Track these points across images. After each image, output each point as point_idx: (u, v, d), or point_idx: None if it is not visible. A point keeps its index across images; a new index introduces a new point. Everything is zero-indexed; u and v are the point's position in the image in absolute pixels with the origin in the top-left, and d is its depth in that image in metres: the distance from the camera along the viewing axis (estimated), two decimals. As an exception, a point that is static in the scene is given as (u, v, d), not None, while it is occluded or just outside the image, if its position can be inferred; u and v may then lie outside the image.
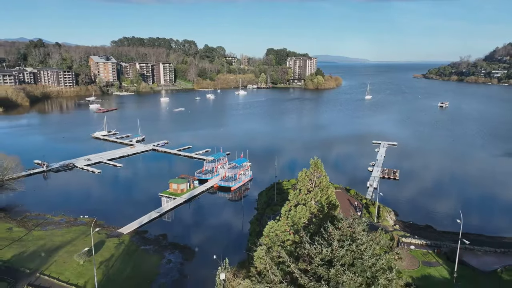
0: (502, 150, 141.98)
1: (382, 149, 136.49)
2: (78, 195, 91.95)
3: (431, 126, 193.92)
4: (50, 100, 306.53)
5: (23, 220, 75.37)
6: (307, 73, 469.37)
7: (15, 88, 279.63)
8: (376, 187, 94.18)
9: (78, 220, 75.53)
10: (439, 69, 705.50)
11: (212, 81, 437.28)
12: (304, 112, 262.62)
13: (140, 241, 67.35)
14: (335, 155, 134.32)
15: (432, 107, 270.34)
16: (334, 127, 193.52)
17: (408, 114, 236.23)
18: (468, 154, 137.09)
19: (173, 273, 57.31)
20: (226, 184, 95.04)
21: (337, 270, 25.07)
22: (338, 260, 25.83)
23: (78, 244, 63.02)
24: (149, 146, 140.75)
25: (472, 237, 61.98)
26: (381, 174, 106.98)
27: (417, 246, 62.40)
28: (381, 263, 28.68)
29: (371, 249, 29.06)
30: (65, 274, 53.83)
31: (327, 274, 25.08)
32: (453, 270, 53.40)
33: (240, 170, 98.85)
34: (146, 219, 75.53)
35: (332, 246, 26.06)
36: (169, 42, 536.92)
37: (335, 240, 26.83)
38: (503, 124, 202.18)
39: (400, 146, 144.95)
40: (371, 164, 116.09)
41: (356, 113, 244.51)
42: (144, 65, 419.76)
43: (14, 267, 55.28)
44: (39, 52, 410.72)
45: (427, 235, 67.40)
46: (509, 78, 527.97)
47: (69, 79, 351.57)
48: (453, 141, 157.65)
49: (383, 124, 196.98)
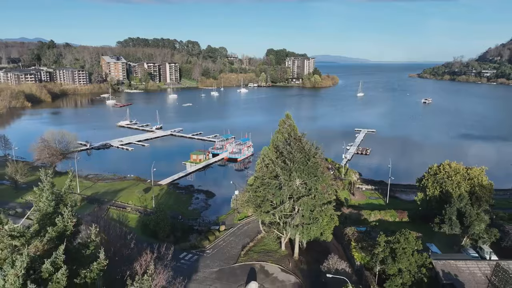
0: (458, 133, 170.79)
1: (361, 134, 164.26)
2: (120, 164, 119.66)
3: (409, 118, 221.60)
4: (67, 97, 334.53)
5: (86, 177, 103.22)
6: (305, 72, 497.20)
7: (38, 86, 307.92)
8: (349, 159, 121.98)
9: (127, 177, 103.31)
10: (433, 69, 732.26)
11: (215, 80, 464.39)
12: (300, 107, 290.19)
13: (175, 188, 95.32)
14: (322, 139, 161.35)
15: (417, 103, 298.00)
16: (325, 118, 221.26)
17: (393, 109, 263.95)
18: (429, 137, 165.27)
19: (201, 203, 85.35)
20: (233, 156, 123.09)
21: (295, 163, 52.39)
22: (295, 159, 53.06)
23: (133, 188, 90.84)
24: (167, 132, 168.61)
25: (400, 186, 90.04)
26: (356, 151, 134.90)
27: (368, 190, 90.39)
28: (321, 170, 56.31)
29: (319, 165, 56.54)
30: (131, 201, 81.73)
31: (289, 165, 52.36)
32: (387, 200, 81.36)
33: (244, 146, 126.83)
34: (176, 177, 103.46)
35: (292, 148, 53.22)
36: (173, 43, 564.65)
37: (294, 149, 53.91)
38: (472, 115, 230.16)
39: (378, 132, 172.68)
40: (349, 145, 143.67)
41: (347, 107, 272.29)
42: (152, 65, 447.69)
43: (96, 198, 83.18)
44: (52, 53, 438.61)
45: (376, 183, 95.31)
46: (498, 77, 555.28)
47: (83, 78, 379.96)
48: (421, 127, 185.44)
49: (368, 116, 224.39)
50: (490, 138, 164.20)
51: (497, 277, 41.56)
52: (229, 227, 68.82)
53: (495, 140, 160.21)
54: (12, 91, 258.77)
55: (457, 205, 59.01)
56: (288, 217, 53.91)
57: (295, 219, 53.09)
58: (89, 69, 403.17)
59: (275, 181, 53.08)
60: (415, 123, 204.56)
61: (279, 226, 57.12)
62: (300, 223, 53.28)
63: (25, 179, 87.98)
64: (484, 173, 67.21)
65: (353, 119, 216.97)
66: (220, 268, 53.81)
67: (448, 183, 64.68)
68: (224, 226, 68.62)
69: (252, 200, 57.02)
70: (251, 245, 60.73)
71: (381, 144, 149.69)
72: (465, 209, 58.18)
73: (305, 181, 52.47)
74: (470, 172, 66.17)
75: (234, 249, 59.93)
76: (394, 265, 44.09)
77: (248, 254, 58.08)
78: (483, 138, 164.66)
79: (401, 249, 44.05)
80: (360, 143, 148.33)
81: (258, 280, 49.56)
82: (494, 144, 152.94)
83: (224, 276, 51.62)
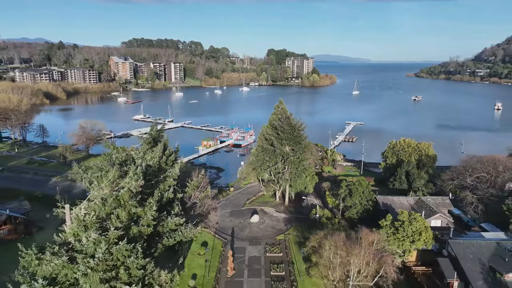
0: (436, 124, 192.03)
1: (350, 126, 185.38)
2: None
3: (396, 113, 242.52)
4: (80, 95, 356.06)
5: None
6: (304, 71, 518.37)
7: (54, 84, 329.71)
8: (337, 144, 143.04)
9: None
10: (430, 68, 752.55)
11: (218, 79, 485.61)
12: (298, 104, 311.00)
13: (190, 166, 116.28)
14: (315, 129, 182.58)
15: (407, 100, 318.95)
16: (321, 113, 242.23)
17: (383, 105, 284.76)
18: (409, 128, 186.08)
19: (213, 175, 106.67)
20: (238, 142, 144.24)
21: (285, 134, 73.31)
22: (285, 131, 73.91)
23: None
24: (178, 124, 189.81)
25: (375, 163, 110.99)
26: (344, 139, 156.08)
27: (348, 165, 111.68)
28: (304, 140, 77.38)
29: (303, 136, 77.50)
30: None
31: (281, 135, 73.26)
32: (361, 172, 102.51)
33: (247, 134, 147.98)
34: (191, 157, 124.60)
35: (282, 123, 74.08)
36: (176, 43, 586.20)
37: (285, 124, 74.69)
38: (454, 110, 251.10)
39: (365, 124, 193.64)
40: (339, 134, 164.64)
41: (341, 104, 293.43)
42: (157, 65, 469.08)
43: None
44: (62, 53, 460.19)
45: (355, 162, 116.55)
46: (490, 77, 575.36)
47: (93, 77, 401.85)
48: (405, 120, 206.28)
49: (360, 112, 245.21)
50: (460, 128, 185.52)
51: (417, 205, 62.57)
52: (237, 189, 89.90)
53: (464, 129, 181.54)
54: (32, 89, 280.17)
55: (406, 168, 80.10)
56: (281, 174, 75.01)
57: (285, 174, 74.23)
58: (99, 68, 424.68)
59: (271, 147, 74.22)
60: (402, 116, 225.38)
61: (274, 182, 78.21)
62: (289, 178, 74.38)
63: (72, 157, 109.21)
64: (432, 147, 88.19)
65: (346, 114, 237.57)
66: (231, 210, 74.97)
67: (402, 154, 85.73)
68: (233, 188, 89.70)
69: (254, 163, 78.18)
70: (253, 198, 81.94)
71: (366, 133, 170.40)
72: (412, 171, 79.27)
73: (292, 147, 73.54)
74: (419, 146, 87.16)
75: (241, 201, 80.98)
76: (351, 199, 65.19)
77: (252, 203, 79.29)
78: (453, 128, 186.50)
79: (355, 189, 65.11)
80: (348, 133, 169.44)
81: (259, 218, 70.58)
82: (460, 131, 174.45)
83: (234, 214, 72.81)
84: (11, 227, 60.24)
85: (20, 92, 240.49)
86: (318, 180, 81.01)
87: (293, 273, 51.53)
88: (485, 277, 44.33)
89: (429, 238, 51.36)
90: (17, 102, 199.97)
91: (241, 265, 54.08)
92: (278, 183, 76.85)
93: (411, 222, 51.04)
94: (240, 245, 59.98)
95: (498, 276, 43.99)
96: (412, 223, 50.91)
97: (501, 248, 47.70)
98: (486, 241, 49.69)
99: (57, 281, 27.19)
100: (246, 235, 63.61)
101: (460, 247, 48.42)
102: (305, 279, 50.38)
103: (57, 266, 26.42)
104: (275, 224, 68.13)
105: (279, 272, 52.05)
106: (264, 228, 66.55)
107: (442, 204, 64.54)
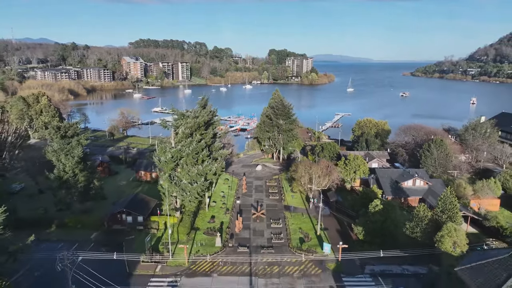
0: (413, 114, 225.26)
1: (338, 116, 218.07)
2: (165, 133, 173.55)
3: (382, 106, 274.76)
4: (96, 92, 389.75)
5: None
6: (304, 71, 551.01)
7: (75, 82, 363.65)
8: (325, 129, 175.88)
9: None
10: (425, 67, 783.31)
11: (222, 77, 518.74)
12: (298, 99, 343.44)
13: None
14: (308, 118, 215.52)
15: (396, 96, 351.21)
16: (316, 107, 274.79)
17: (373, 100, 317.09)
18: (390, 116, 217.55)
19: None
20: (244, 127, 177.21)
21: (279, 111, 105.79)
22: (279, 109, 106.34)
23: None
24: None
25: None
26: (331, 125, 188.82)
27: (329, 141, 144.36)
28: (294, 117, 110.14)
29: (292, 113, 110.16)
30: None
31: (276, 112, 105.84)
32: (339, 144, 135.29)
33: (252, 121, 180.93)
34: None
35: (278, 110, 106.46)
36: (181, 44, 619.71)
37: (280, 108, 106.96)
38: (435, 104, 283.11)
39: (352, 115, 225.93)
40: (328, 122, 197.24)
41: (335, 99, 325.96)
42: (166, 64, 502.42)
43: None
44: (76, 54, 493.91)
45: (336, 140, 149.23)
46: (481, 75, 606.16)
47: (107, 76, 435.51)
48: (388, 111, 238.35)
49: (350, 105, 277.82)
50: (432, 118, 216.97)
51: (365, 155, 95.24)
52: (245, 156, 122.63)
53: (435, 119, 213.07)
54: (58, 87, 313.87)
55: (366, 137, 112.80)
56: (276, 139, 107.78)
57: (279, 140, 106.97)
58: (112, 68, 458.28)
59: (269, 121, 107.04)
60: (386, 108, 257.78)
61: (271, 147, 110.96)
62: (282, 142, 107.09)
63: (117, 135, 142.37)
64: (387, 123, 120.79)
65: (337, 107, 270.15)
66: (243, 164, 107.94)
67: (365, 128, 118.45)
68: (242, 154, 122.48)
69: (258, 132, 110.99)
70: (257, 159, 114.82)
71: (352, 122, 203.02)
72: (369, 139, 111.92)
73: (284, 120, 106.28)
74: (378, 123, 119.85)
75: (248, 161, 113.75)
76: (322, 153, 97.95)
77: (256, 161, 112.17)
78: (426, 117, 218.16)
79: (326, 146, 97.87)
80: (336, 121, 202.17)
81: (261, 167, 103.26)
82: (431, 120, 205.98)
83: (245, 166, 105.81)
84: (102, 169, 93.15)
85: (49, 89, 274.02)
86: (303, 144, 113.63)
87: (282, 192, 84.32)
88: (392, 186, 77.00)
89: (366, 170, 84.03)
90: (50, 97, 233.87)
91: (250, 188, 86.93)
92: (275, 146, 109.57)
93: (354, 160, 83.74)
94: (249, 180, 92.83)
95: (399, 184, 76.69)
96: (355, 160, 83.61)
97: (405, 172, 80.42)
98: (397, 169, 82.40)
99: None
100: (253, 175, 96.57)
101: (381, 172, 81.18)
102: (289, 193, 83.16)
103: (172, 153, 59.66)
104: (272, 170, 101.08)
105: (274, 191, 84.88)
106: (265, 172, 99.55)
107: (382, 155, 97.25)
